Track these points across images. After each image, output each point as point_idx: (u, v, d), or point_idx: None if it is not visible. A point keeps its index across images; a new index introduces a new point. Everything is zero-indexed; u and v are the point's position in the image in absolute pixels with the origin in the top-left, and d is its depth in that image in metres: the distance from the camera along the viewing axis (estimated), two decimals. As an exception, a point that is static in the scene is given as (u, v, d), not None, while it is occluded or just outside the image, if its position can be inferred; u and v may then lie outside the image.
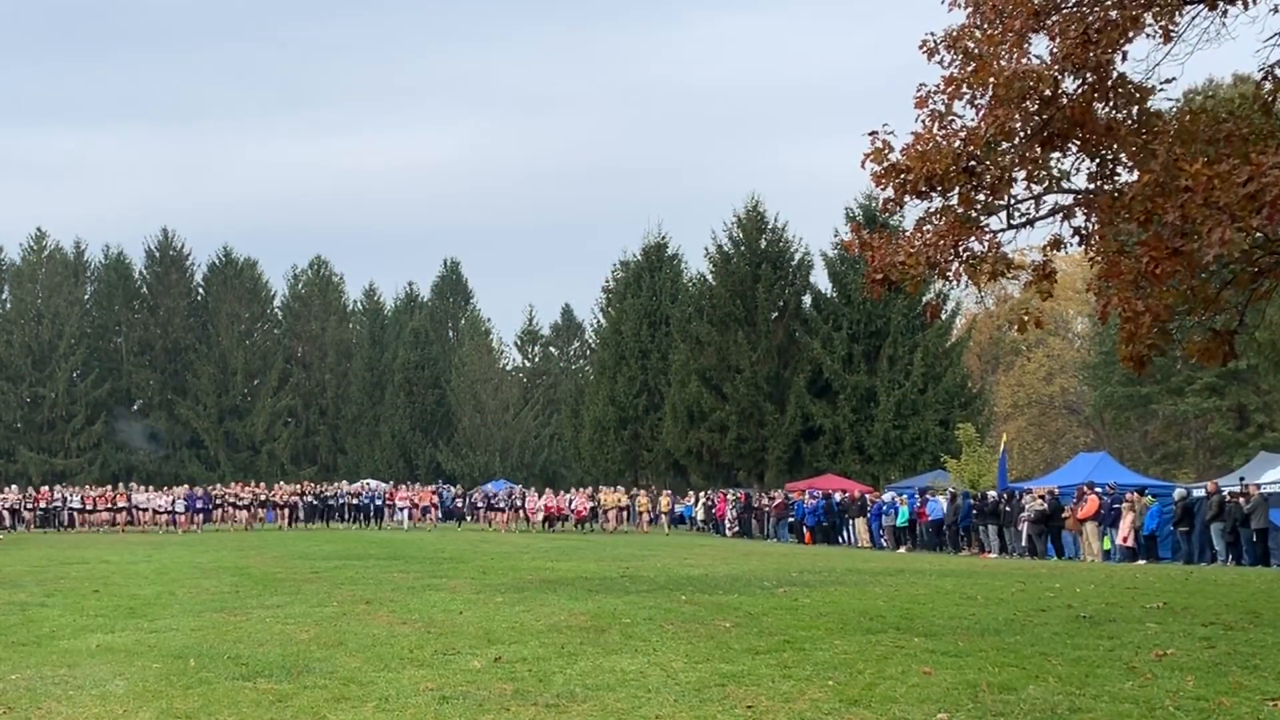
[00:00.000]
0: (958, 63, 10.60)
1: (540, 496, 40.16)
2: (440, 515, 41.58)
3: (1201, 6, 10.34)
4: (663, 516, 39.97)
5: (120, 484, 42.88)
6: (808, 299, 47.45)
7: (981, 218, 10.97)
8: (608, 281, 55.70)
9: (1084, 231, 11.04)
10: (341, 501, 40.87)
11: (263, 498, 39.60)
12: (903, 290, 11.41)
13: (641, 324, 50.89)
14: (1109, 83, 10.34)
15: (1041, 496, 25.91)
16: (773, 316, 46.56)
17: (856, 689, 7.75)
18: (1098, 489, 25.36)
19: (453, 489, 46.47)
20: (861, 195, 43.52)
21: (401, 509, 39.59)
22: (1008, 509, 26.77)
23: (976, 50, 10.42)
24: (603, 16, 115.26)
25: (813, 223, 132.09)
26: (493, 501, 41.18)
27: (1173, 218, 9.46)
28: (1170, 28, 10.33)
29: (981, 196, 10.74)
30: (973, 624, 11.14)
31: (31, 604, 13.72)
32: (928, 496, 30.48)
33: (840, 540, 32.53)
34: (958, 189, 10.66)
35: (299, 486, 43.26)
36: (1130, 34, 10.01)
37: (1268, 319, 28.34)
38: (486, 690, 7.78)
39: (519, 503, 40.35)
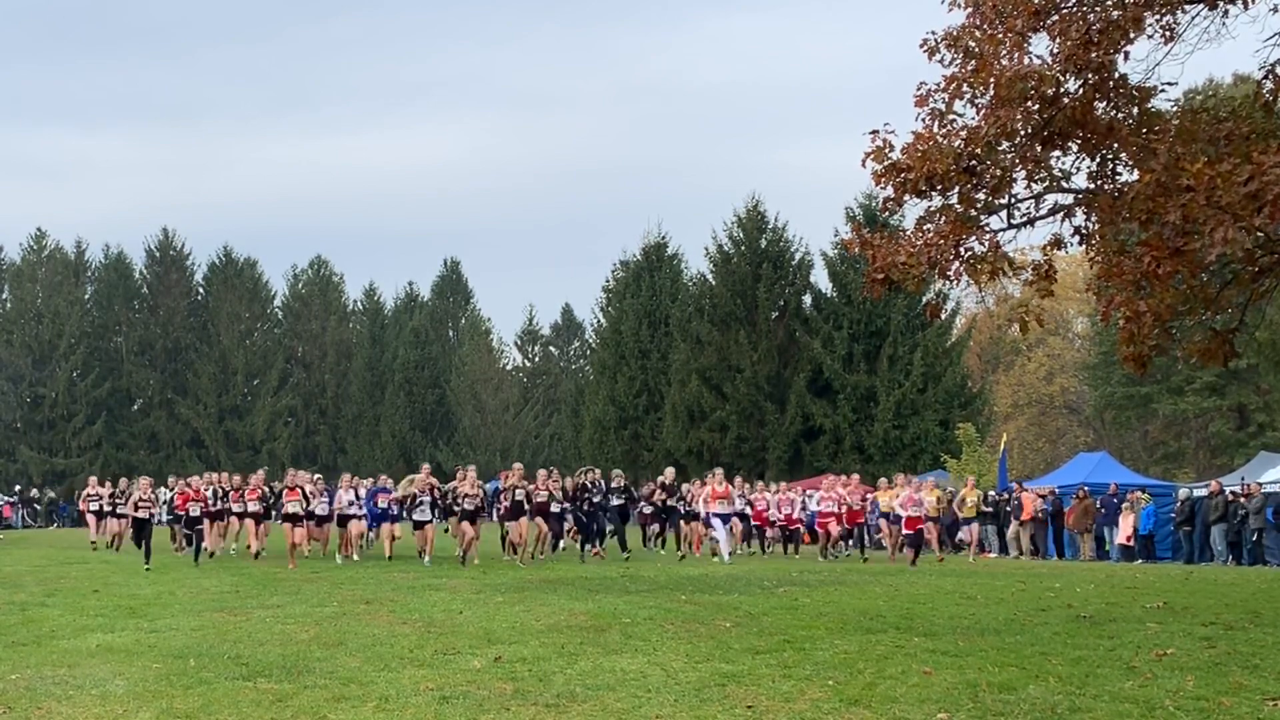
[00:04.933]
0: (958, 62, 10.60)
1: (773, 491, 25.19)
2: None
3: (1201, 6, 10.34)
4: (974, 529, 24.25)
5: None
6: (808, 299, 47.45)
7: (982, 217, 10.96)
8: (608, 281, 55.71)
9: (1084, 231, 11.04)
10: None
11: (516, 493, 21.07)
12: (903, 290, 11.40)
13: (641, 324, 50.88)
14: (1110, 83, 10.33)
15: (1043, 496, 25.95)
16: (773, 316, 46.56)
17: (856, 689, 7.74)
18: (1028, 489, 25.64)
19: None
20: (862, 195, 43.56)
21: (722, 518, 22.49)
22: (1008, 509, 26.79)
23: (977, 49, 10.41)
24: (602, 16, 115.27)
25: (813, 223, 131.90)
26: (685, 505, 24.09)
27: (1174, 217, 9.46)
28: (1171, 26, 10.34)
29: (982, 196, 10.74)
30: (973, 624, 11.14)
31: (31, 604, 13.72)
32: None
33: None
34: (958, 188, 10.66)
35: (575, 478, 23.87)
36: (1131, 35, 10.01)
37: (1268, 319, 28.34)
38: (486, 690, 7.78)
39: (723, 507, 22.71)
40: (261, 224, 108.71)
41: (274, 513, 22.59)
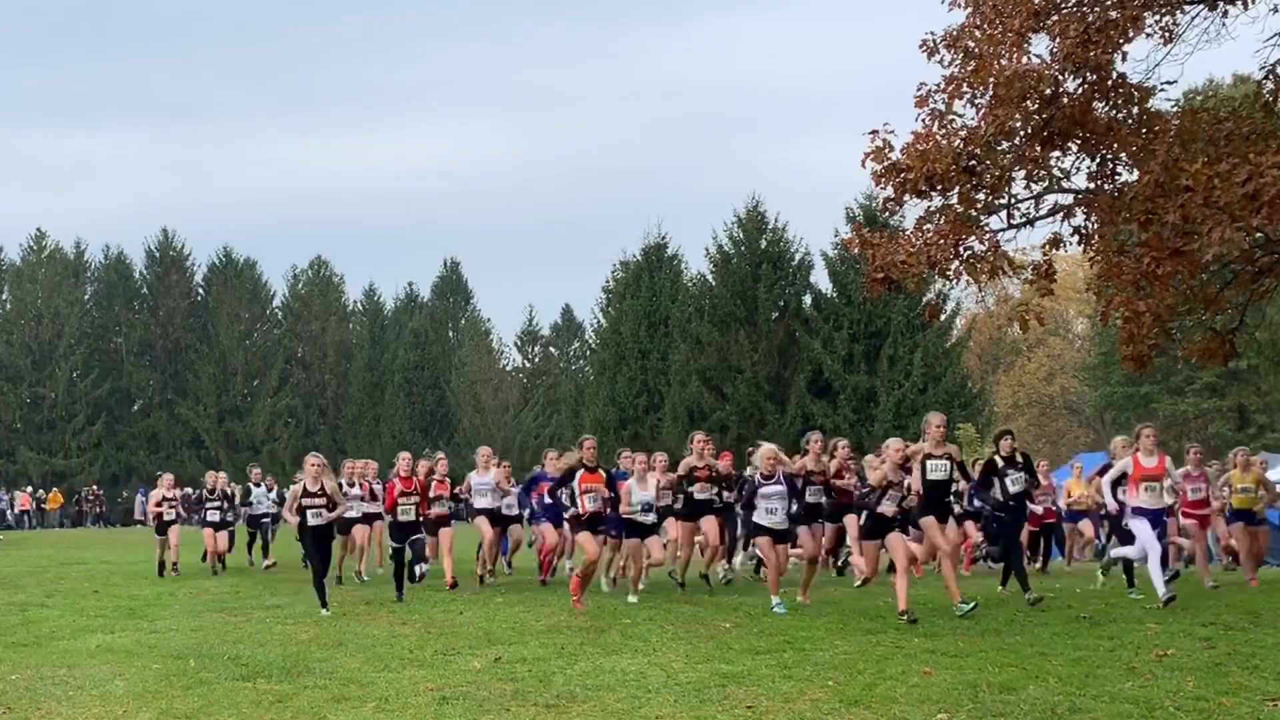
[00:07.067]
0: (958, 62, 10.62)
1: None
2: None
3: (1201, 6, 10.36)
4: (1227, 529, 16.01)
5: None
6: (808, 299, 47.52)
7: (981, 217, 10.98)
8: (608, 282, 55.68)
9: (1084, 231, 11.05)
10: None
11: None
12: (903, 290, 11.43)
13: (641, 324, 50.88)
14: (1109, 83, 10.35)
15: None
16: (773, 316, 46.62)
17: (856, 689, 7.74)
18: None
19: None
20: (862, 195, 43.59)
21: (1151, 517, 12.77)
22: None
23: (976, 49, 10.43)
24: (603, 17, 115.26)
25: (813, 223, 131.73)
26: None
27: (1173, 218, 9.47)
28: (1171, 27, 10.36)
29: (981, 196, 10.76)
30: (973, 624, 11.13)
31: (31, 604, 13.72)
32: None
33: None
34: (958, 188, 10.68)
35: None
36: (1130, 34, 10.03)
37: (1268, 319, 28.36)
38: (486, 690, 7.78)
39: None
40: (261, 224, 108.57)
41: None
